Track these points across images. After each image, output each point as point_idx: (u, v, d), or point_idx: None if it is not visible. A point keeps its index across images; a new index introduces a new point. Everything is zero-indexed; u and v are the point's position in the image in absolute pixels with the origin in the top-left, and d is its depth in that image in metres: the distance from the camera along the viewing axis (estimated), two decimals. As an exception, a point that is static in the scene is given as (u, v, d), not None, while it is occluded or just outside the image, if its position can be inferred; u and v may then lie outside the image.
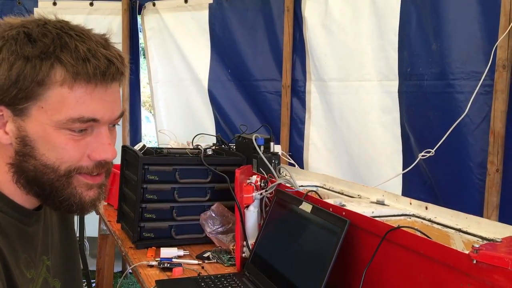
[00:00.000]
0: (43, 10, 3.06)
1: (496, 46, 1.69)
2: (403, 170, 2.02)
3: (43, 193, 0.79)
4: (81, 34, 0.76)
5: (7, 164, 0.78)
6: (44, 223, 0.91)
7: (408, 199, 1.32)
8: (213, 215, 1.67)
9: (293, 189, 1.43)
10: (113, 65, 0.77)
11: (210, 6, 2.92)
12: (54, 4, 3.11)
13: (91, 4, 3.18)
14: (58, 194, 0.79)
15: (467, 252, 0.84)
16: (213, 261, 1.55)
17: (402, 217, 1.26)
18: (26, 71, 0.72)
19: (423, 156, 1.66)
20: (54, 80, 0.73)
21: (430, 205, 1.25)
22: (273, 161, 1.69)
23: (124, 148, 1.87)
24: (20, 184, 0.79)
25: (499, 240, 0.88)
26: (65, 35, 0.75)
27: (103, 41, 0.79)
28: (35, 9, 3.08)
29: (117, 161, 1.92)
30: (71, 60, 0.73)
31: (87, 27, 0.80)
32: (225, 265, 1.52)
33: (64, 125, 0.75)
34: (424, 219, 1.23)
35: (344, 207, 1.20)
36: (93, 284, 2.84)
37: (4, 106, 0.75)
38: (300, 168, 2.37)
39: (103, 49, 0.77)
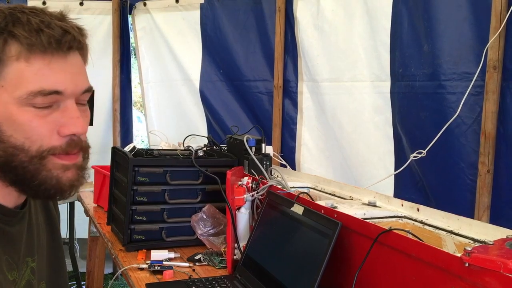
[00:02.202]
0: (32, 9, 3.02)
1: (487, 47, 1.69)
2: (395, 170, 2.02)
3: (17, 178, 0.76)
4: (34, 10, 0.76)
5: None
6: (28, 223, 0.88)
7: (399, 201, 1.32)
8: (204, 217, 1.66)
9: (284, 190, 1.42)
10: (68, 34, 0.75)
11: (202, 6, 2.91)
12: (44, 3, 3.08)
13: (81, 4, 3.15)
14: (33, 178, 0.76)
15: (459, 255, 0.84)
16: (204, 263, 1.53)
17: (393, 219, 1.26)
18: None
19: (414, 157, 1.66)
20: (10, 55, 0.72)
21: (421, 207, 1.25)
22: (264, 162, 1.68)
23: (114, 149, 1.85)
24: None
25: (491, 243, 0.88)
26: (17, 12, 0.74)
27: (59, 15, 0.78)
28: (24, 8, 3.05)
29: (107, 162, 1.90)
30: (24, 32, 0.72)
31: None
32: (216, 267, 1.50)
33: (26, 101, 0.73)
34: (415, 220, 1.23)
35: (336, 209, 1.19)
36: (83, 287, 2.81)
37: None
38: (292, 169, 2.37)
39: (57, 21, 0.76)
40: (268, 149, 1.78)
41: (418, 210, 1.25)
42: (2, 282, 0.77)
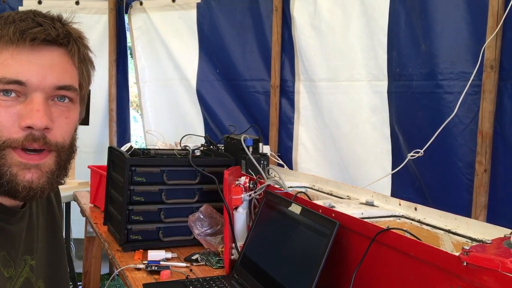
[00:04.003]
0: (28, 8, 3.01)
1: (484, 47, 1.69)
2: (392, 170, 2.02)
3: None
4: (28, 11, 0.77)
5: None
6: (29, 223, 0.88)
7: (397, 200, 1.31)
8: (202, 216, 1.66)
9: (282, 190, 1.41)
10: (38, 27, 0.75)
11: (198, 6, 2.91)
12: (39, 3, 3.07)
13: (77, 3, 3.14)
14: None
15: (457, 254, 0.83)
16: (202, 263, 1.53)
17: (391, 218, 1.26)
18: None
19: (412, 156, 1.66)
20: None
21: (419, 206, 1.25)
22: (262, 162, 1.67)
23: (110, 149, 1.84)
24: None
25: (488, 242, 0.88)
26: (12, 12, 0.77)
27: (50, 15, 0.78)
28: (19, 7, 3.04)
29: (104, 162, 1.90)
30: None
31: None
32: (214, 267, 1.50)
33: None
34: (413, 220, 1.23)
35: (334, 209, 1.19)
36: (80, 287, 2.80)
37: None
38: (289, 168, 2.36)
39: (40, 18, 0.76)
40: (265, 149, 1.78)
41: (415, 209, 1.25)
42: None
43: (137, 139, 5.21)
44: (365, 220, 1.13)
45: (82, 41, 0.82)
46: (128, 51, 3.47)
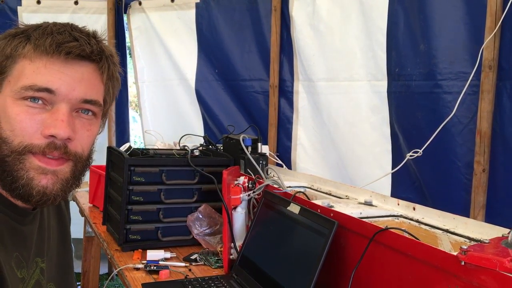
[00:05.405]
0: (27, 8, 3.01)
1: (483, 47, 1.69)
2: (392, 169, 2.02)
3: None
4: (66, 23, 0.80)
5: None
6: (40, 225, 0.90)
7: (395, 200, 1.32)
8: (200, 216, 1.66)
9: (281, 190, 1.42)
10: (75, 42, 0.78)
11: (197, 5, 2.90)
12: (38, 2, 3.06)
13: (76, 3, 3.13)
14: (9, 173, 0.76)
15: (455, 253, 0.84)
16: (201, 263, 1.53)
17: (390, 218, 1.26)
18: (1, 46, 0.78)
19: (410, 156, 1.67)
20: (21, 54, 0.77)
21: (417, 206, 1.25)
22: (260, 161, 1.67)
23: (109, 149, 1.84)
24: None
25: (486, 241, 0.88)
26: (50, 23, 0.80)
27: (86, 30, 0.82)
28: (18, 7, 3.03)
29: (103, 162, 1.90)
30: (37, 35, 0.78)
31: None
32: (213, 267, 1.50)
33: (19, 95, 0.76)
34: (411, 219, 1.23)
35: (332, 208, 1.19)
36: (79, 287, 2.80)
37: None
38: (288, 168, 2.37)
39: (76, 32, 0.79)
40: (264, 149, 1.78)
41: (414, 209, 1.26)
42: (11, 278, 0.77)
43: (136, 139, 5.20)
44: (364, 219, 1.13)
45: (112, 59, 0.85)
46: (127, 51, 3.47)
